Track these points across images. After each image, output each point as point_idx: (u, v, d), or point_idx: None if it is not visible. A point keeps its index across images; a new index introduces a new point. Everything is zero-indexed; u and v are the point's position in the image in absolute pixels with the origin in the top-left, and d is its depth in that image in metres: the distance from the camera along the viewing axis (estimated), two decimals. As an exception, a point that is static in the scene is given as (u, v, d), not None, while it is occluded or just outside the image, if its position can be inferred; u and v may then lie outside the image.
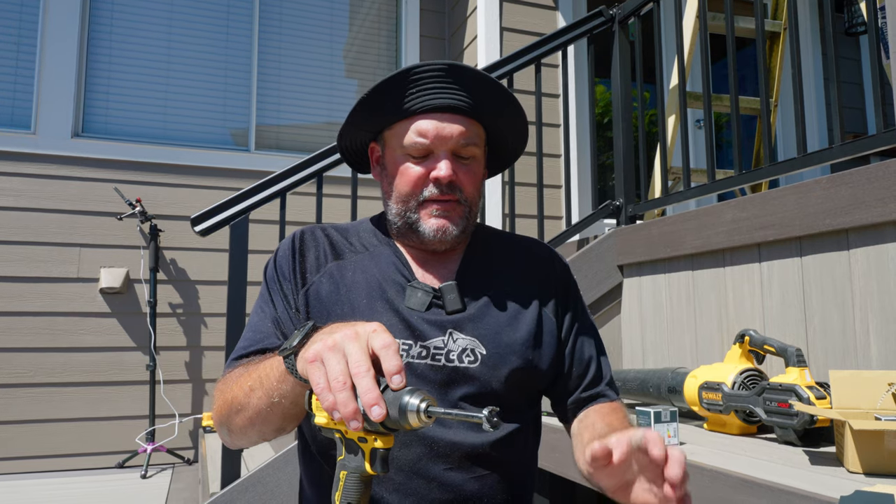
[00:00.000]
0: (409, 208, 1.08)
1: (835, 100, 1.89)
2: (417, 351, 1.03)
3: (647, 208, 2.74)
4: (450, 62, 1.07)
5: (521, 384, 1.08)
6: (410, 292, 1.06)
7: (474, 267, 1.14)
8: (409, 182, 1.08)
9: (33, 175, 3.56)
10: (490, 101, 1.09)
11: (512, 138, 1.18)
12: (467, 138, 1.07)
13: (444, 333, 1.05)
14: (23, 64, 3.68)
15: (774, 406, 1.63)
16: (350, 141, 1.18)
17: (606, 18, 2.85)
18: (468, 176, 1.09)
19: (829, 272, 1.78)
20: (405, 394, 0.69)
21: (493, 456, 1.03)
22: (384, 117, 1.11)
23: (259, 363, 0.92)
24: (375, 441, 0.72)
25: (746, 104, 2.84)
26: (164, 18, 3.99)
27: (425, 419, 0.68)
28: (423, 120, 1.06)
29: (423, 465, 0.99)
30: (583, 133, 3.91)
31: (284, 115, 4.20)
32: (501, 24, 3.87)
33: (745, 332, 1.83)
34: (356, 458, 0.74)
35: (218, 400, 0.99)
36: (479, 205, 1.14)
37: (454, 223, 1.08)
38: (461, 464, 1.00)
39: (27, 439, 3.42)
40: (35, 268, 3.51)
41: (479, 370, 1.04)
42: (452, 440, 1.00)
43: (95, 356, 3.56)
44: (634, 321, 2.51)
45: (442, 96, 1.06)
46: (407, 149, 1.08)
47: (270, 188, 2.38)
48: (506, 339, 1.07)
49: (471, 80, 1.07)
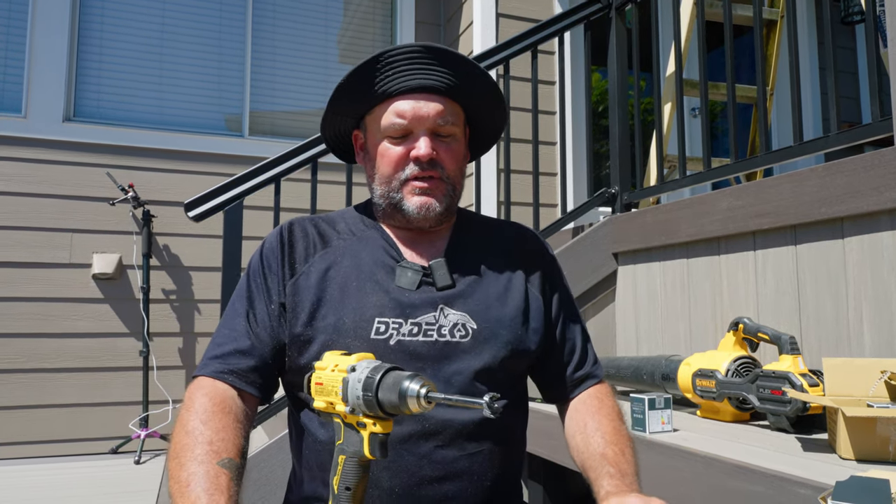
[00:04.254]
0: (392, 188, 1.10)
1: (831, 88, 1.89)
2: (408, 328, 1.04)
3: (642, 196, 2.74)
4: (424, 43, 1.08)
5: (511, 359, 1.09)
6: (400, 272, 1.08)
7: (462, 245, 1.16)
8: (391, 163, 1.09)
9: (24, 159, 3.53)
10: (466, 81, 1.10)
11: (490, 117, 1.20)
12: (445, 117, 1.09)
13: (436, 309, 1.06)
14: (13, 47, 3.64)
15: (767, 393, 1.64)
16: (333, 130, 1.20)
17: (603, 5, 2.83)
18: (448, 153, 1.10)
19: (823, 261, 1.79)
20: (405, 379, 0.69)
21: (484, 433, 1.04)
22: (362, 102, 1.13)
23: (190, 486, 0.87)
24: (374, 426, 0.72)
25: (743, 92, 2.84)
26: (158, 1, 3.94)
27: (425, 404, 0.68)
28: (401, 101, 1.08)
29: (413, 441, 1.00)
30: (578, 120, 3.90)
31: (278, 100, 4.17)
32: (497, 9, 3.84)
33: (739, 320, 1.84)
34: (355, 443, 0.74)
35: (171, 446, 0.95)
36: (462, 184, 1.15)
37: (437, 200, 1.09)
38: (452, 441, 1.02)
39: (20, 425, 3.41)
40: (27, 253, 3.48)
41: (470, 344, 1.06)
42: (444, 417, 1.01)
43: (88, 342, 3.55)
44: (629, 309, 2.52)
45: (417, 77, 1.08)
46: (386, 131, 1.09)
47: (265, 174, 2.36)
48: (495, 314, 1.09)
49: (446, 60, 1.09)
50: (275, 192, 2.47)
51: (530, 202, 2.89)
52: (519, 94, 3.54)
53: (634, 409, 1.69)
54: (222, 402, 0.97)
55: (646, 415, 1.65)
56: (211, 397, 0.97)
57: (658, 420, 1.66)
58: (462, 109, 1.14)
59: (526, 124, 3.49)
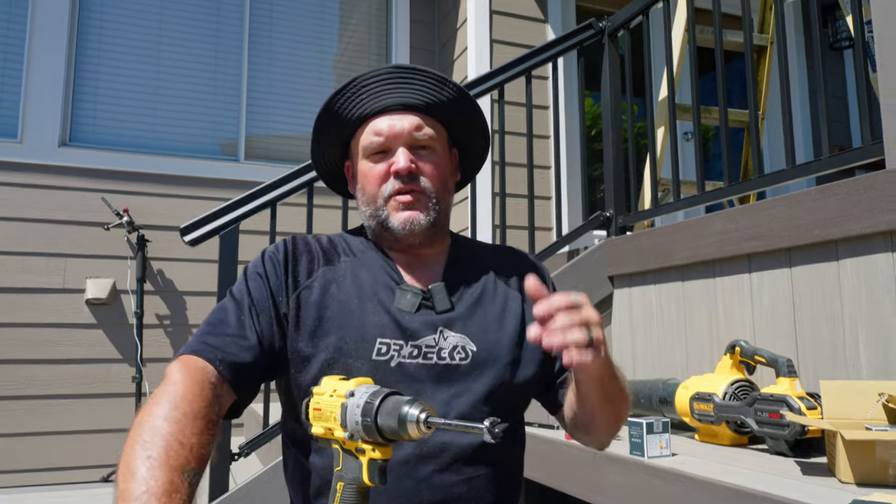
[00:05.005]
0: (377, 207, 1.10)
1: (822, 112, 1.91)
2: (409, 350, 1.04)
3: (636, 219, 2.75)
4: (397, 64, 1.10)
5: (510, 381, 1.09)
6: (400, 294, 1.07)
7: (458, 269, 1.16)
8: (373, 181, 1.10)
9: (19, 184, 3.52)
10: (443, 98, 1.12)
11: (471, 134, 1.20)
12: (421, 130, 1.10)
13: (435, 332, 1.06)
14: (10, 73, 3.65)
15: (765, 417, 1.64)
16: (325, 160, 1.21)
17: (596, 31, 2.87)
18: (428, 166, 1.10)
19: (818, 283, 1.79)
20: (404, 404, 0.69)
21: (482, 457, 1.04)
22: (343, 129, 1.14)
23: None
24: (373, 451, 0.72)
25: (734, 117, 2.87)
26: (154, 27, 3.98)
27: (425, 430, 0.68)
28: (377, 119, 1.10)
29: (412, 466, 0.99)
30: (572, 145, 3.93)
31: (274, 125, 4.19)
32: (491, 36, 3.89)
33: (735, 343, 1.84)
34: (354, 469, 0.73)
35: (128, 437, 0.84)
36: (448, 200, 1.15)
37: (422, 212, 1.09)
38: (451, 465, 1.01)
39: (11, 453, 3.35)
40: (20, 278, 3.46)
41: (469, 366, 1.05)
42: (442, 440, 1.00)
43: (81, 368, 3.51)
44: (625, 332, 2.51)
45: (392, 95, 1.09)
46: (367, 151, 1.11)
47: (260, 198, 2.37)
48: (494, 337, 1.09)
49: (420, 79, 1.10)
50: (271, 216, 2.47)
51: (525, 226, 2.90)
52: (514, 118, 3.57)
53: (632, 433, 1.68)
54: (202, 397, 0.88)
55: (644, 439, 1.64)
56: (190, 386, 0.89)
57: (656, 444, 1.65)
58: (444, 128, 1.15)
59: (521, 148, 3.51)
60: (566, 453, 1.87)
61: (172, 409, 0.84)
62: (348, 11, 4.44)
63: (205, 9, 4.10)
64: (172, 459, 0.78)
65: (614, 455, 1.69)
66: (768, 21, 3.03)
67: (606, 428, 1.11)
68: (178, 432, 0.81)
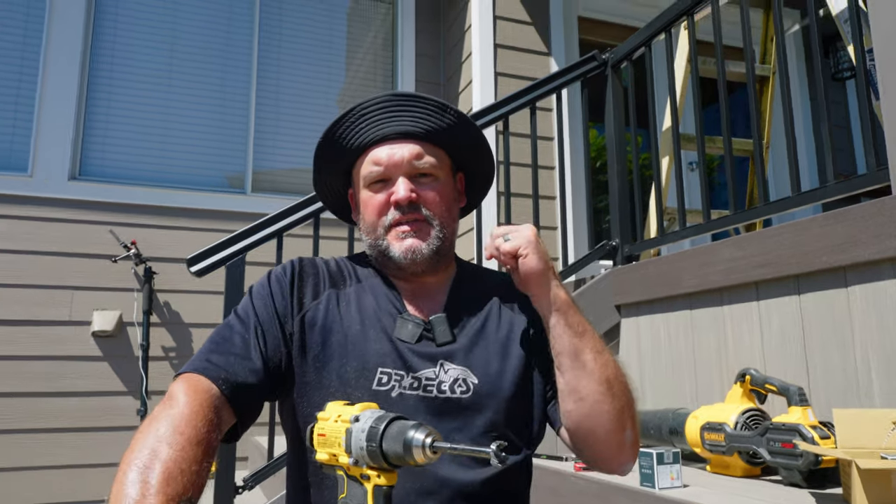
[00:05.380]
0: (378, 236, 1.09)
1: (826, 139, 1.92)
2: (409, 382, 1.02)
3: (642, 248, 2.74)
4: (395, 92, 1.09)
5: (514, 415, 1.06)
6: (401, 323, 1.06)
7: (462, 299, 1.14)
8: (373, 211, 1.09)
9: (29, 218, 3.55)
10: (443, 124, 1.10)
11: (476, 159, 1.19)
12: (422, 158, 1.08)
13: (436, 365, 1.04)
14: (22, 108, 3.71)
15: (778, 447, 1.61)
16: (328, 189, 1.20)
17: (599, 63, 2.91)
18: (430, 194, 1.09)
19: (828, 310, 1.78)
20: (410, 428, 0.68)
21: (484, 494, 1.00)
22: (343, 158, 1.13)
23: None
24: (378, 478, 0.70)
25: (738, 146, 2.89)
26: (164, 62, 4.05)
27: (430, 454, 0.67)
28: (377, 149, 1.09)
29: (411, 501, 0.96)
30: (577, 175, 3.94)
31: (281, 159, 4.23)
32: (496, 69, 3.94)
33: (745, 372, 1.81)
34: (359, 496, 0.72)
35: (129, 451, 0.84)
36: (452, 227, 1.14)
37: (424, 241, 1.07)
38: (451, 501, 0.98)
39: (17, 486, 3.32)
40: (27, 311, 3.46)
41: (471, 400, 1.03)
42: (443, 476, 0.98)
43: (86, 401, 3.49)
44: (633, 361, 2.49)
45: (391, 124, 1.08)
46: (366, 179, 1.10)
47: (266, 229, 2.38)
48: (497, 369, 1.06)
49: (420, 106, 1.09)
50: (277, 247, 2.48)
51: (531, 255, 2.89)
52: (518, 150, 3.59)
53: (642, 464, 1.65)
54: (205, 421, 0.86)
55: (654, 470, 1.61)
56: (195, 409, 0.87)
57: (667, 475, 1.62)
58: (447, 154, 1.14)
59: (526, 179, 3.53)
60: (574, 485, 1.84)
61: (176, 433, 0.82)
62: (355, 46, 4.51)
63: (214, 45, 4.17)
64: (170, 488, 0.76)
65: (624, 486, 1.66)
66: (770, 52, 3.06)
67: (609, 422, 1.02)
68: (180, 459, 0.79)
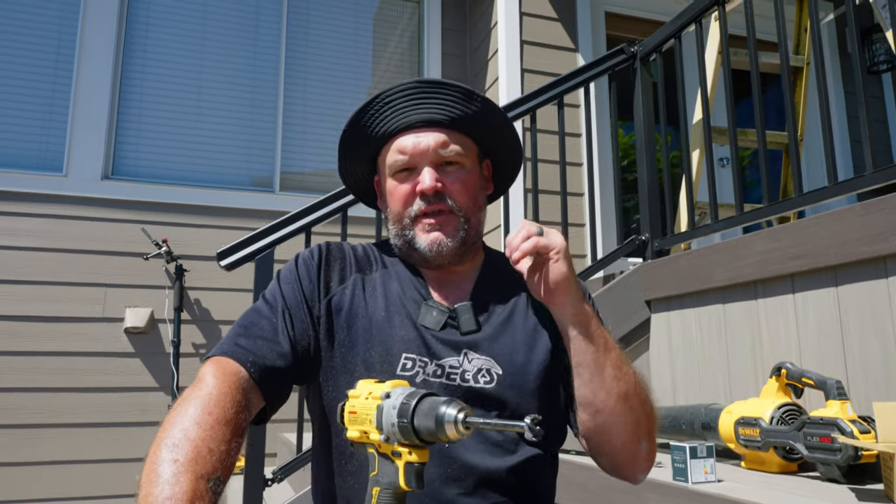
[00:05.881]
0: (404, 226, 1.08)
1: (865, 125, 1.86)
2: (433, 369, 1.01)
3: (673, 242, 2.70)
4: (421, 79, 1.07)
5: (538, 407, 1.04)
6: (426, 310, 1.05)
7: (489, 287, 1.12)
8: (399, 201, 1.08)
9: (63, 216, 3.63)
10: (469, 111, 1.08)
11: (504, 144, 1.16)
12: (447, 147, 1.06)
13: (459, 353, 1.03)
14: (57, 110, 3.79)
15: (816, 441, 1.57)
16: (353, 177, 1.19)
17: (628, 55, 2.87)
18: (456, 184, 1.07)
19: (867, 301, 1.73)
20: (441, 404, 0.67)
21: (510, 482, 0.99)
22: (368, 146, 1.12)
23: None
24: (410, 455, 0.70)
25: (772, 138, 2.83)
26: (194, 66, 4.10)
27: (463, 430, 0.66)
28: (402, 137, 1.07)
29: (435, 487, 0.95)
30: (605, 172, 3.90)
31: (308, 161, 4.26)
32: (522, 66, 3.92)
33: (781, 365, 1.77)
34: (390, 474, 0.71)
35: (159, 434, 0.83)
36: (479, 217, 1.12)
37: (448, 235, 1.06)
38: (476, 489, 0.96)
39: (50, 481, 3.38)
40: (61, 307, 3.53)
41: (495, 390, 1.02)
42: (468, 462, 0.97)
43: (118, 396, 3.55)
44: (664, 357, 2.45)
45: (416, 111, 1.06)
46: (392, 169, 1.08)
47: (295, 223, 2.39)
48: (522, 359, 1.05)
49: (446, 93, 1.07)
50: (305, 242, 2.49)
51: (559, 251, 2.86)
52: (546, 146, 3.56)
53: (675, 458, 1.62)
54: (233, 402, 0.86)
55: (688, 464, 1.58)
56: (225, 391, 0.87)
57: (701, 469, 1.59)
58: (473, 142, 1.12)
59: (554, 176, 3.51)
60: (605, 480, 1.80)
61: (205, 414, 0.82)
62: (381, 46, 4.53)
63: (242, 47, 4.22)
64: (199, 466, 0.76)
65: (656, 481, 1.63)
66: (804, 42, 3.00)
67: (624, 434, 1.01)
68: (209, 438, 0.79)
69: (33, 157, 3.72)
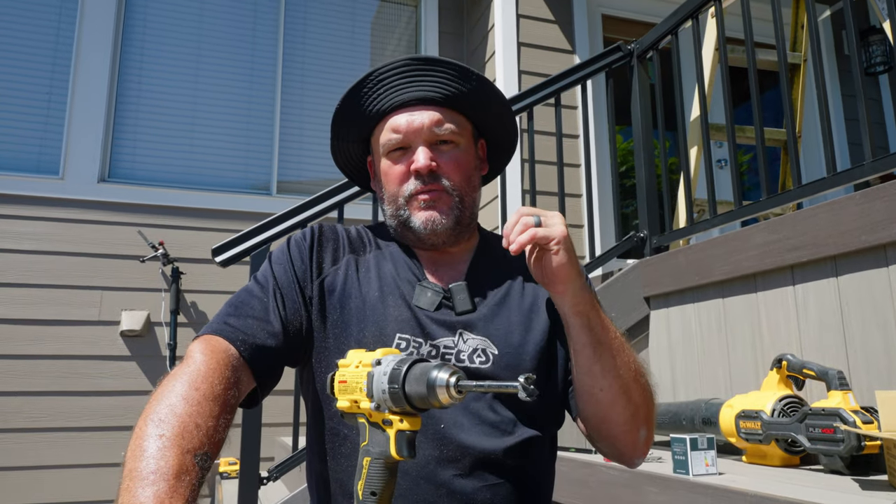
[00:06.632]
0: (398, 206, 1.07)
1: (863, 115, 1.85)
2: (427, 350, 1.00)
3: (672, 239, 2.69)
4: (413, 56, 1.06)
5: (536, 386, 1.02)
6: (420, 291, 1.03)
7: (484, 268, 1.11)
8: (394, 180, 1.06)
9: (59, 219, 3.61)
10: (463, 89, 1.06)
11: (500, 124, 1.15)
12: (441, 125, 1.05)
13: (454, 334, 1.01)
14: (53, 113, 3.79)
15: (818, 433, 1.54)
16: (345, 158, 1.18)
17: (625, 53, 2.87)
18: (451, 163, 1.05)
19: (867, 290, 1.71)
20: (433, 368, 0.65)
21: (507, 464, 0.97)
22: (361, 125, 1.10)
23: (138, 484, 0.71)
24: (401, 422, 0.68)
25: (769, 135, 2.82)
26: (191, 69, 4.10)
27: (455, 394, 0.64)
28: (395, 116, 1.06)
29: (430, 469, 0.93)
30: (603, 173, 3.90)
31: (305, 164, 4.25)
32: (519, 67, 3.92)
33: (782, 357, 1.75)
34: (381, 443, 0.69)
35: (145, 410, 0.81)
36: (473, 196, 1.10)
37: (443, 213, 1.04)
38: (472, 470, 0.95)
39: (46, 485, 3.35)
40: (57, 311, 3.51)
41: (491, 370, 1.00)
42: (464, 443, 0.95)
43: (113, 400, 3.52)
44: (663, 353, 2.43)
45: (409, 90, 1.05)
46: (386, 148, 1.07)
47: (290, 219, 2.37)
48: (518, 340, 1.03)
49: (439, 70, 1.05)
50: (301, 239, 2.47)
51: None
52: (544, 147, 3.56)
53: (675, 450, 1.59)
54: (222, 379, 0.85)
55: (688, 456, 1.56)
56: (212, 367, 0.85)
57: (702, 461, 1.56)
58: (467, 119, 1.10)
59: (551, 177, 3.49)
60: (603, 475, 1.78)
61: (192, 389, 0.80)
62: (379, 51, 4.53)
63: (239, 50, 4.22)
64: (186, 441, 0.74)
65: (656, 474, 1.61)
66: (800, 39, 3.00)
67: (623, 422, 1.00)
68: (196, 413, 0.78)
69: (30, 161, 3.71)
